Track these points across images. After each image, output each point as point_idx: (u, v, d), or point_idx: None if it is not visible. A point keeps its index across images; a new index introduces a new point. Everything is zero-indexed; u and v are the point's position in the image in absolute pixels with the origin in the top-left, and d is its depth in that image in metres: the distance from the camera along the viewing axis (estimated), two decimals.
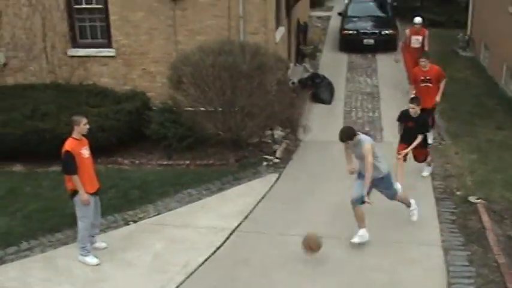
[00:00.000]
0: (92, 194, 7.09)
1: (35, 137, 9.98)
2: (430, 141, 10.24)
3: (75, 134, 7.05)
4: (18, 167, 10.25)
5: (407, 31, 13.85)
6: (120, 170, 10.08)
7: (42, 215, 8.43)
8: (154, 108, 11.01)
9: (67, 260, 7.30)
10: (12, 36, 11.75)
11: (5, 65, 11.85)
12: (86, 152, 7.09)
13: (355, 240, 7.42)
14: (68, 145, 6.98)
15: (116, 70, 11.67)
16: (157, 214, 8.50)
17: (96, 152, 10.12)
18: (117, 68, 11.67)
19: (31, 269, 7.18)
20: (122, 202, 8.77)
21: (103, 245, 7.54)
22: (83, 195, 6.96)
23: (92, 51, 11.68)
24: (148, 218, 8.40)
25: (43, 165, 10.07)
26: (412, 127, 8.97)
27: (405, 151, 8.95)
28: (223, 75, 9.75)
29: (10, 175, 9.96)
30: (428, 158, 9.55)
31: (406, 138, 9.05)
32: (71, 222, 7.64)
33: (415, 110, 8.91)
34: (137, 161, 10.39)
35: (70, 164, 6.92)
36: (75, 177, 6.92)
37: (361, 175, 7.38)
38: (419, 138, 8.89)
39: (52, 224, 8.15)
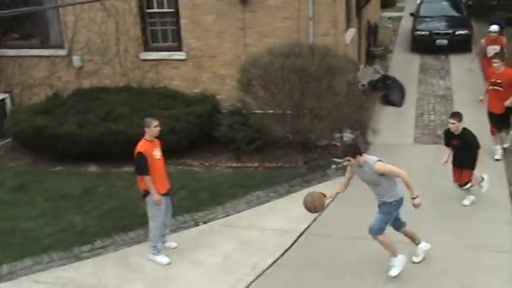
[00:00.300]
0: (163, 195, 7.23)
1: (109, 138, 10.28)
2: (497, 156, 9.87)
3: (147, 136, 7.21)
4: (92, 168, 10.58)
5: (483, 41, 13.01)
6: (190, 171, 10.24)
7: (115, 214, 8.67)
8: (223, 110, 11.13)
9: (139, 258, 7.48)
10: (87, 41, 12.14)
11: (80, 68, 12.27)
12: (157, 153, 7.24)
13: (393, 272, 6.67)
14: (141, 146, 7.15)
15: (187, 73, 11.86)
16: (226, 215, 8.58)
17: (167, 153, 10.33)
18: (188, 71, 11.86)
19: (105, 266, 7.40)
20: (192, 203, 8.90)
21: (173, 244, 7.67)
22: (154, 196, 7.10)
23: (163, 55, 11.90)
24: (218, 219, 8.49)
25: (116, 166, 10.35)
26: (458, 146, 8.11)
27: (468, 183, 8.13)
28: (292, 78, 9.74)
29: (85, 175, 10.30)
30: (472, 182, 8.23)
31: (457, 160, 8.22)
32: (143, 221, 7.81)
33: (455, 126, 8.02)
34: (207, 163, 10.53)
35: (142, 165, 7.08)
36: (147, 178, 7.08)
37: (379, 205, 6.61)
38: (480, 153, 7.95)
39: (125, 223, 8.36)
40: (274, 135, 10.30)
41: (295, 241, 7.75)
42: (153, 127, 7.21)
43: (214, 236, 7.99)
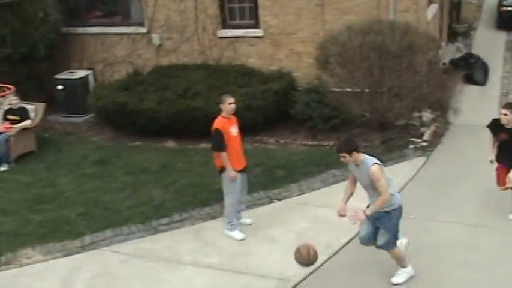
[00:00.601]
0: (239, 171, 7.28)
1: (187, 115, 10.45)
2: None
3: (223, 113, 7.26)
4: (170, 143, 10.79)
5: None
6: (265, 149, 10.27)
7: (192, 190, 8.82)
8: (300, 88, 11.06)
9: (214, 233, 7.59)
10: (166, 19, 12.32)
11: (160, 46, 12.48)
12: (234, 130, 7.28)
13: (396, 279, 6.27)
14: (217, 123, 7.21)
15: (264, 50, 11.84)
16: (301, 193, 8.56)
17: (243, 131, 10.42)
18: (265, 48, 11.83)
19: (182, 239, 7.56)
20: (267, 180, 8.93)
21: (248, 221, 7.74)
22: (230, 172, 7.16)
23: (241, 32, 11.92)
24: (292, 197, 8.49)
25: (193, 142, 10.52)
26: (506, 140, 7.17)
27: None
28: (372, 56, 9.53)
29: (163, 150, 10.52)
30: None
31: (503, 157, 7.24)
32: (219, 197, 7.91)
33: (507, 118, 7.02)
34: (282, 141, 10.52)
35: (219, 142, 7.14)
36: (224, 155, 7.14)
37: (378, 217, 6.02)
38: None
39: (201, 198, 8.50)
40: (351, 114, 10.14)
41: None
42: (227, 104, 7.25)
43: (289, 213, 7.99)
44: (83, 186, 9.28)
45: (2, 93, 7.65)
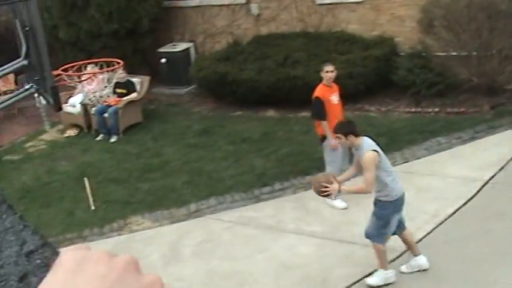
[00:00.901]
0: None
1: (287, 83, 10.43)
2: None
3: (324, 81, 7.18)
4: (271, 112, 10.85)
5: None
6: (366, 116, 10.08)
7: (293, 158, 8.85)
8: (402, 54, 10.72)
9: (316, 202, 7.56)
10: None
11: (258, 15, 12.49)
12: (335, 98, 7.20)
13: (371, 280, 5.85)
14: (318, 91, 7.15)
15: (364, 16, 11.55)
16: (405, 162, 8.36)
17: (344, 98, 10.31)
18: (365, 13, 11.54)
19: (284, 208, 7.63)
20: None
21: None
22: (331, 141, 7.10)
23: None
24: (396, 165, 8.26)
25: (294, 111, 10.51)
26: None
27: None
28: (480, 16, 9.05)
29: (264, 120, 10.60)
30: None
31: None
32: (320, 166, 7.87)
33: None
34: (383, 108, 10.28)
35: (319, 110, 7.09)
36: (324, 123, 7.08)
37: (374, 202, 5.75)
38: None
39: (302, 167, 8.51)
40: (457, 79, 9.73)
41: (479, 190, 7.33)
42: (324, 72, 7.18)
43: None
44: (187, 155, 9.56)
45: (112, 68, 7.98)
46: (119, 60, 7.71)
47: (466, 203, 7.10)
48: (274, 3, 12.30)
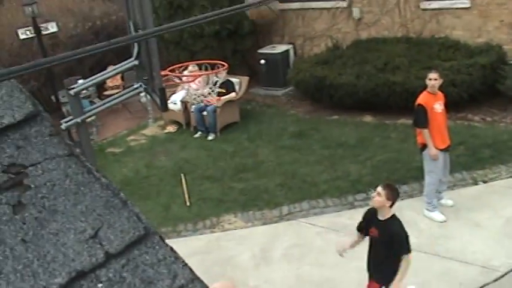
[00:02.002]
0: (441, 150, 6.98)
1: (385, 89, 10.24)
2: None
3: (428, 88, 6.99)
4: (368, 118, 10.68)
5: None
6: (469, 126, 9.71)
7: (389, 166, 8.66)
8: (511, 62, 10.24)
9: (412, 213, 7.37)
10: None
11: (359, 19, 12.33)
12: (438, 107, 6.98)
13: None
14: (421, 98, 6.97)
15: (470, 22, 11.13)
16: (510, 176, 7.97)
17: (446, 107, 10.00)
18: (471, 20, 11.11)
19: None
20: (471, 160, 8.46)
21: (450, 202, 7.41)
22: (431, 150, 6.90)
23: (446, 4, 11.31)
24: (500, 179, 7.93)
25: (392, 117, 10.30)
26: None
27: None
28: None
29: (361, 125, 10.45)
30: None
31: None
32: (417, 175, 7.69)
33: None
34: (489, 118, 9.86)
35: (421, 117, 6.91)
36: (426, 131, 6.89)
37: None
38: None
39: (399, 175, 8.31)
40: None
41: None
42: (427, 79, 6.96)
43: (496, 197, 7.50)
44: (281, 157, 9.58)
45: (216, 70, 8.14)
46: (222, 63, 7.84)
47: None
48: (376, 7, 12.10)
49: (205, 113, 10.82)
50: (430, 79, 6.95)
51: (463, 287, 5.90)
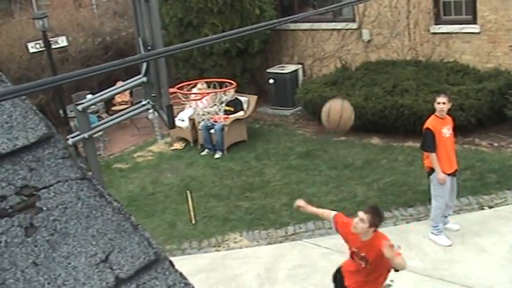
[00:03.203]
0: (449, 175, 6.97)
1: (393, 112, 10.26)
2: None
3: (437, 112, 7.00)
4: (375, 140, 10.69)
5: None
6: (476, 151, 9.70)
7: (396, 189, 8.65)
8: None
9: (418, 236, 7.37)
10: (377, 15, 12.17)
11: (369, 41, 12.40)
12: (447, 131, 6.98)
13: None
14: (429, 122, 6.98)
15: (479, 47, 11.17)
16: None
17: (453, 131, 9.99)
18: (481, 45, 11.15)
19: None
20: (477, 185, 8.44)
21: (456, 227, 7.39)
22: (439, 174, 6.89)
23: (455, 28, 11.35)
24: (506, 204, 7.91)
25: (399, 140, 10.30)
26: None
27: None
28: None
29: (368, 147, 10.46)
30: None
31: None
32: (424, 199, 7.68)
33: None
34: (496, 144, 9.85)
35: (429, 142, 6.91)
36: (433, 155, 6.89)
37: None
38: None
39: (405, 198, 8.31)
40: None
41: None
42: (436, 103, 6.97)
43: (501, 222, 7.48)
44: (288, 177, 9.59)
45: (224, 89, 8.20)
46: (231, 81, 7.89)
47: None
48: (386, 29, 12.16)
49: (212, 131, 10.86)
50: (439, 103, 6.95)
51: None
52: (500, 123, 10.19)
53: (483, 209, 7.90)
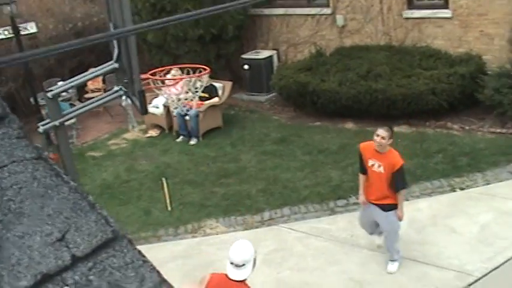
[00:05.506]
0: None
1: (367, 97, 10.33)
2: None
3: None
4: (349, 125, 10.76)
5: None
6: (448, 134, 9.84)
7: None
8: (489, 72, 10.38)
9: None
10: (351, 0, 12.21)
11: (343, 27, 12.43)
12: (376, 164, 6.28)
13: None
14: (364, 145, 6.55)
15: (451, 32, 11.27)
16: (486, 184, 8.09)
17: (426, 115, 10.12)
18: (452, 29, 11.26)
19: (358, 222, 7.52)
20: (449, 168, 8.57)
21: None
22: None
23: (428, 13, 11.43)
24: (476, 186, 8.05)
25: (373, 124, 10.30)
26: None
27: None
28: None
29: (342, 132, 10.53)
30: None
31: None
32: None
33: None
34: (467, 127, 10.00)
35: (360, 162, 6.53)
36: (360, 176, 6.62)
37: None
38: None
39: None
40: None
41: None
42: (375, 136, 6.14)
43: (472, 204, 7.61)
44: (263, 163, 9.63)
45: (198, 74, 8.15)
46: (205, 67, 7.85)
47: None
48: (360, 15, 12.21)
49: (187, 117, 10.83)
50: (377, 135, 6.09)
51: None
52: (472, 107, 10.33)
53: (454, 191, 8.03)
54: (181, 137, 11.00)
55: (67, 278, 0.83)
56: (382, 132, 6.03)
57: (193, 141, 10.82)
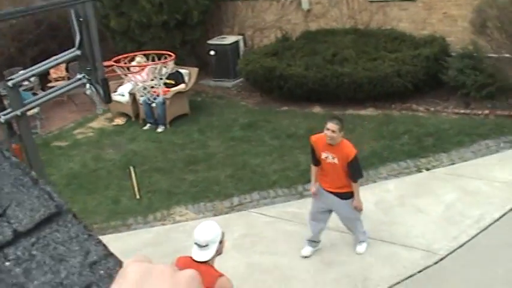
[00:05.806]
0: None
1: (334, 80, 10.37)
2: None
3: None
4: (317, 109, 10.81)
5: None
6: (414, 116, 9.95)
7: None
8: (453, 54, 10.52)
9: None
10: None
11: (308, 11, 12.44)
12: (329, 156, 6.16)
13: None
14: (316, 137, 6.37)
15: (415, 14, 11.38)
16: (451, 164, 8.23)
17: (391, 97, 10.21)
18: (417, 12, 11.36)
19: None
20: (415, 149, 8.68)
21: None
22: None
23: None
24: (442, 166, 8.18)
25: (340, 108, 10.45)
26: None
27: None
28: None
29: (310, 116, 10.56)
30: None
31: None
32: (367, 162, 7.84)
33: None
34: (432, 108, 10.13)
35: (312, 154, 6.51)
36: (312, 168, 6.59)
37: None
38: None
39: None
40: (508, 81, 9.50)
41: None
42: (325, 129, 5.96)
43: (437, 183, 7.73)
44: (232, 149, 9.61)
45: (163, 61, 8.08)
46: (170, 53, 7.78)
47: None
48: None
49: (154, 105, 10.73)
50: (328, 129, 5.90)
51: (406, 270, 6.07)
52: (436, 89, 10.46)
53: (420, 171, 8.14)
54: (148, 124, 10.91)
55: (9, 254, 0.80)
56: (332, 125, 5.86)
57: (160, 129, 10.74)
